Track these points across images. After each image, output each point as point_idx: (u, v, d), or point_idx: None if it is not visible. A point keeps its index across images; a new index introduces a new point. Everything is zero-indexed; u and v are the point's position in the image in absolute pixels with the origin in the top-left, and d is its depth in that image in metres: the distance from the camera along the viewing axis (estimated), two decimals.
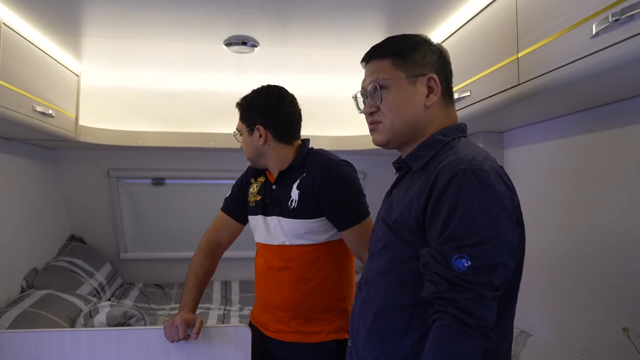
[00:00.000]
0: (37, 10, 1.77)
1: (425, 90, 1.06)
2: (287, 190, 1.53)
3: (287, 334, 1.55)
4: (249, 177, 1.69)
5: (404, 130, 1.07)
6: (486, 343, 0.88)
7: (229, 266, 3.46)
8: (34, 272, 2.59)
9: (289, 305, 1.53)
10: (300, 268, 1.52)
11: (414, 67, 1.06)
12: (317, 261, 1.52)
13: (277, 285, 1.55)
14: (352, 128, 2.91)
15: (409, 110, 1.06)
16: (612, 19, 0.98)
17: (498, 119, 1.79)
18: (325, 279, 1.53)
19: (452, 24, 1.81)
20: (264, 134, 1.55)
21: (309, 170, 1.51)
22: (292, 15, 1.79)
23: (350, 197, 1.49)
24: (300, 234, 1.50)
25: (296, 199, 1.49)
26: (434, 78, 1.06)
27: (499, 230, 0.89)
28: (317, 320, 1.53)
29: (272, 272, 1.56)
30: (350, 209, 1.48)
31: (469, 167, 0.92)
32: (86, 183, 3.17)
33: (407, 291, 0.99)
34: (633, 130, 1.41)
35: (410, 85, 1.06)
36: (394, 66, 1.07)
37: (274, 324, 1.57)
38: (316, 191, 1.47)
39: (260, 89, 1.61)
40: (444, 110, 1.09)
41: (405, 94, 1.06)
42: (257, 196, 1.61)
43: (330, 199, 1.47)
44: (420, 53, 1.08)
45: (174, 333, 1.46)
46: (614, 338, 1.40)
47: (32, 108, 1.92)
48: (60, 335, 1.51)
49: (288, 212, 1.51)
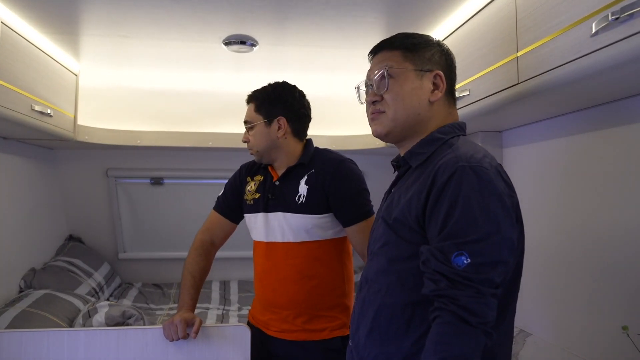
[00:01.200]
0: (35, 9, 1.76)
1: (431, 87, 1.07)
2: (292, 186, 1.55)
3: (291, 332, 1.55)
4: (244, 176, 1.69)
5: (405, 122, 1.07)
6: (486, 340, 0.88)
7: (227, 266, 3.47)
8: (32, 272, 2.58)
9: (293, 303, 1.53)
10: (305, 265, 1.53)
11: (423, 61, 1.08)
12: (321, 258, 1.55)
13: (281, 283, 1.54)
14: (351, 128, 2.91)
15: (414, 102, 1.07)
16: (612, 17, 0.98)
17: (497, 118, 1.79)
18: (328, 275, 1.56)
19: (452, 23, 1.81)
20: (284, 126, 1.56)
21: (317, 167, 1.55)
22: (291, 14, 1.79)
23: (359, 193, 1.54)
24: (307, 229, 1.52)
25: (304, 194, 1.52)
26: (440, 75, 1.08)
27: (499, 227, 0.89)
28: (321, 318, 1.54)
29: (276, 270, 1.55)
30: (358, 205, 1.52)
31: (469, 165, 0.92)
32: (84, 183, 3.16)
33: (408, 289, 0.99)
34: (631, 129, 1.41)
35: (417, 78, 1.07)
36: (403, 57, 1.09)
37: (277, 323, 1.56)
38: (326, 186, 1.51)
39: (281, 84, 1.63)
40: (446, 109, 1.10)
41: (411, 86, 1.07)
42: (256, 194, 1.61)
43: (340, 193, 1.51)
44: (430, 51, 1.09)
45: (173, 332, 1.46)
46: (614, 337, 1.40)
47: (30, 107, 1.91)
48: (59, 334, 1.50)
49: (295, 207, 1.52)
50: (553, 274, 1.74)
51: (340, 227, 1.55)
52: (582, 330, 1.59)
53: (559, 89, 1.27)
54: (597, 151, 1.54)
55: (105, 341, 1.50)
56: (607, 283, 1.49)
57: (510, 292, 1.00)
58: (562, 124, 1.70)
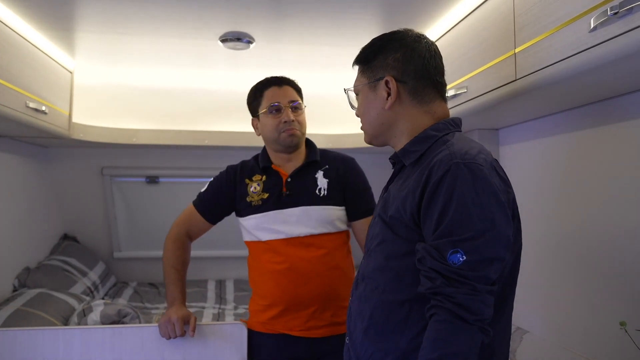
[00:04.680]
0: (29, 5, 1.75)
1: (385, 94, 1.07)
2: (308, 181, 1.60)
3: (317, 329, 1.53)
4: (239, 178, 1.65)
5: (375, 132, 1.13)
6: (483, 337, 0.88)
7: (223, 265, 3.45)
8: (27, 271, 2.56)
9: (320, 297, 1.53)
10: (329, 257, 1.56)
11: (375, 71, 1.09)
12: (341, 248, 1.61)
13: (306, 278, 1.52)
14: (348, 126, 2.90)
15: (372, 115, 1.11)
16: (611, 12, 0.97)
17: (494, 115, 1.79)
18: (345, 265, 1.62)
19: (449, 20, 1.80)
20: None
21: (330, 163, 1.63)
22: (288, 11, 1.79)
23: (368, 188, 1.67)
24: (330, 220, 1.57)
25: (325, 187, 1.58)
26: (389, 80, 1.06)
27: (494, 224, 0.89)
28: (344, 309, 1.54)
29: (298, 266, 1.53)
30: (369, 198, 1.64)
31: (463, 161, 0.92)
32: (79, 181, 3.14)
33: (405, 287, 0.99)
34: (629, 126, 1.41)
35: (371, 91, 1.10)
36: (361, 73, 1.14)
37: (301, 322, 1.53)
38: (342, 179, 1.61)
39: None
40: (416, 108, 1.07)
41: (367, 100, 1.11)
42: (264, 194, 1.59)
43: (355, 186, 1.63)
44: (383, 55, 1.09)
45: (170, 330, 1.45)
46: (611, 333, 1.40)
47: (24, 104, 1.90)
48: (54, 333, 1.49)
49: (317, 199, 1.57)
50: (550, 272, 1.74)
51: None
52: (580, 327, 1.59)
53: (557, 85, 1.27)
54: (595, 148, 1.54)
55: (100, 339, 1.50)
56: (605, 280, 1.49)
57: (508, 288, 1.01)
58: (559, 121, 1.70)
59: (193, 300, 3.05)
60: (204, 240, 3.65)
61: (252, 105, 1.67)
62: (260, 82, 1.65)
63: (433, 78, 1.08)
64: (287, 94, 1.60)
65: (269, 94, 1.60)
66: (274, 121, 1.57)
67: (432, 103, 1.08)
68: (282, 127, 1.56)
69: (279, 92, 1.60)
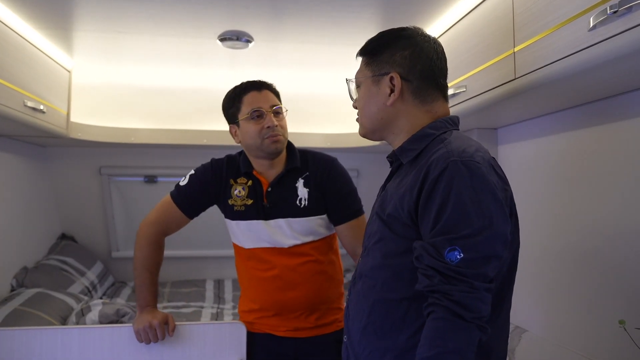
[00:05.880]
0: (27, 3, 1.74)
1: (388, 90, 1.07)
2: (288, 190, 1.54)
3: (304, 330, 1.54)
4: (225, 177, 1.60)
5: (372, 127, 1.12)
6: (481, 335, 0.88)
7: (222, 265, 3.45)
8: (25, 271, 2.56)
9: (307, 302, 1.53)
10: (315, 263, 1.54)
11: (380, 65, 1.08)
12: (327, 253, 1.59)
13: (292, 285, 1.52)
14: (346, 125, 2.90)
15: (372, 109, 1.10)
16: (610, 11, 0.97)
17: (493, 115, 1.79)
18: (332, 269, 1.60)
19: (448, 19, 1.80)
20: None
21: (311, 168, 1.56)
22: (287, 10, 1.78)
23: (351, 190, 1.59)
24: (313, 230, 1.54)
25: (306, 197, 1.53)
26: (394, 77, 1.05)
27: (491, 222, 0.89)
28: (331, 310, 1.57)
29: (284, 274, 1.52)
30: (351, 202, 1.57)
31: (460, 159, 0.92)
32: (77, 181, 3.13)
33: (403, 285, 0.99)
34: (627, 125, 1.41)
35: (374, 85, 1.09)
36: (365, 65, 1.12)
37: (288, 323, 1.54)
38: (322, 185, 1.55)
39: None
40: (417, 107, 1.07)
41: (368, 93, 1.10)
42: (248, 200, 1.55)
43: (335, 190, 1.55)
44: (390, 51, 1.08)
45: (152, 335, 1.45)
46: (610, 332, 1.40)
47: (22, 103, 1.89)
48: (53, 332, 1.49)
49: (298, 211, 1.52)
50: (549, 271, 1.74)
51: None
52: (579, 326, 1.59)
53: (556, 84, 1.27)
54: (593, 147, 1.54)
55: (99, 339, 1.49)
56: (604, 279, 1.49)
57: (506, 286, 1.01)
58: (557, 120, 1.70)
59: (191, 299, 3.04)
60: (203, 240, 3.64)
61: (229, 112, 1.59)
62: (238, 87, 1.57)
63: (437, 80, 1.08)
64: (268, 99, 1.53)
65: (249, 99, 1.53)
66: (256, 127, 1.50)
67: (434, 103, 1.08)
68: (265, 133, 1.49)
69: (259, 96, 1.53)
